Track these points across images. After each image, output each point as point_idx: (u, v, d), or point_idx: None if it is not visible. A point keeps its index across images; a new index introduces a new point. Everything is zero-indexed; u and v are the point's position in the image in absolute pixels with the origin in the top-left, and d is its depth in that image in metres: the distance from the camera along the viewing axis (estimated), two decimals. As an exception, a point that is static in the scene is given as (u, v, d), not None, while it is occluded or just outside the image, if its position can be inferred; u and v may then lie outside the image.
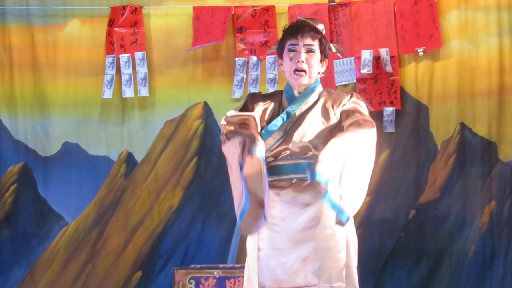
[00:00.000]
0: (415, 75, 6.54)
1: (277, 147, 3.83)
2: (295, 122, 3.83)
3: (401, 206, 6.51)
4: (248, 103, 3.93)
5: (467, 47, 6.50)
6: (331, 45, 4.00)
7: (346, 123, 3.77)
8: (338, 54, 4.11)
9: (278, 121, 3.84)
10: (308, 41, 3.86)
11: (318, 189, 3.70)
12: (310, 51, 3.86)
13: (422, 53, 6.47)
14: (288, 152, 3.81)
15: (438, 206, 6.41)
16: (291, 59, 3.87)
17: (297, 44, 3.86)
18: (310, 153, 3.79)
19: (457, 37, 6.51)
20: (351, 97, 3.91)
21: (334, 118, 3.84)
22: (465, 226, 6.42)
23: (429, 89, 6.53)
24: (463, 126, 6.51)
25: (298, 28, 3.89)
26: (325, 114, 3.85)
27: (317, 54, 3.88)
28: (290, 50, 3.88)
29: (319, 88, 3.93)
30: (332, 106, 3.87)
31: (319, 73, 3.92)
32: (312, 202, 3.76)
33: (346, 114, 3.83)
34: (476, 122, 6.48)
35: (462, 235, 6.42)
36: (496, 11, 6.46)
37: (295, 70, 3.85)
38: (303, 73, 3.85)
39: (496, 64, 6.45)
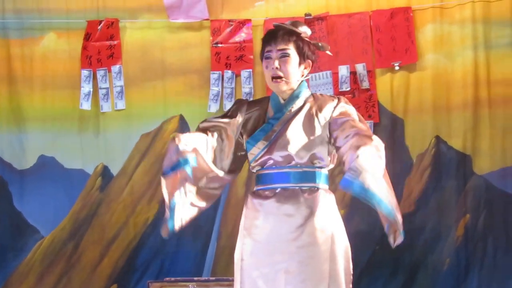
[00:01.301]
0: (390, 88, 6.54)
1: (261, 157, 3.76)
2: (278, 131, 3.74)
3: (376, 219, 6.39)
4: (232, 109, 3.86)
5: (442, 60, 6.51)
6: (319, 43, 3.86)
7: (342, 140, 3.62)
8: (327, 52, 3.93)
9: (262, 131, 3.76)
10: (281, 46, 3.74)
11: (300, 200, 3.70)
12: (283, 56, 3.73)
13: (398, 67, 6.48)
14: (271, 161, 3.75)
15: (414, 219, 6.39)
16: (266, 67, 3.77)
17: (271, 51, 3.76)
18: (293, 162, 3.72)
19: (432, 51, 6.52)
20: (338, 102, 3.78)
21: (318, 126, 3.73)
22: (440, 239, 6.41)
23: (404, 102, 6.53)
24: (438, 139, 6.50)
25: (273, 34, 3.79)
26: (309, 121, 3.75)
27: (293, 58, 3.75)
28: (266, 58, 3.78)
29: (305, 93, 3.81)
30: (317, 113, 3.75)
31: (302, 75, 3.80)
32: (295, 213, 3.70)
33: (336, 124, 3.70)
34: (451, 135, 6.48)
35: (437, 248, 6.41)
36: (471, 24, 6.48)
37: (272, 78, 3.75)
38: (278, 80, 3.73)
39: (471, 77, 6.45)
